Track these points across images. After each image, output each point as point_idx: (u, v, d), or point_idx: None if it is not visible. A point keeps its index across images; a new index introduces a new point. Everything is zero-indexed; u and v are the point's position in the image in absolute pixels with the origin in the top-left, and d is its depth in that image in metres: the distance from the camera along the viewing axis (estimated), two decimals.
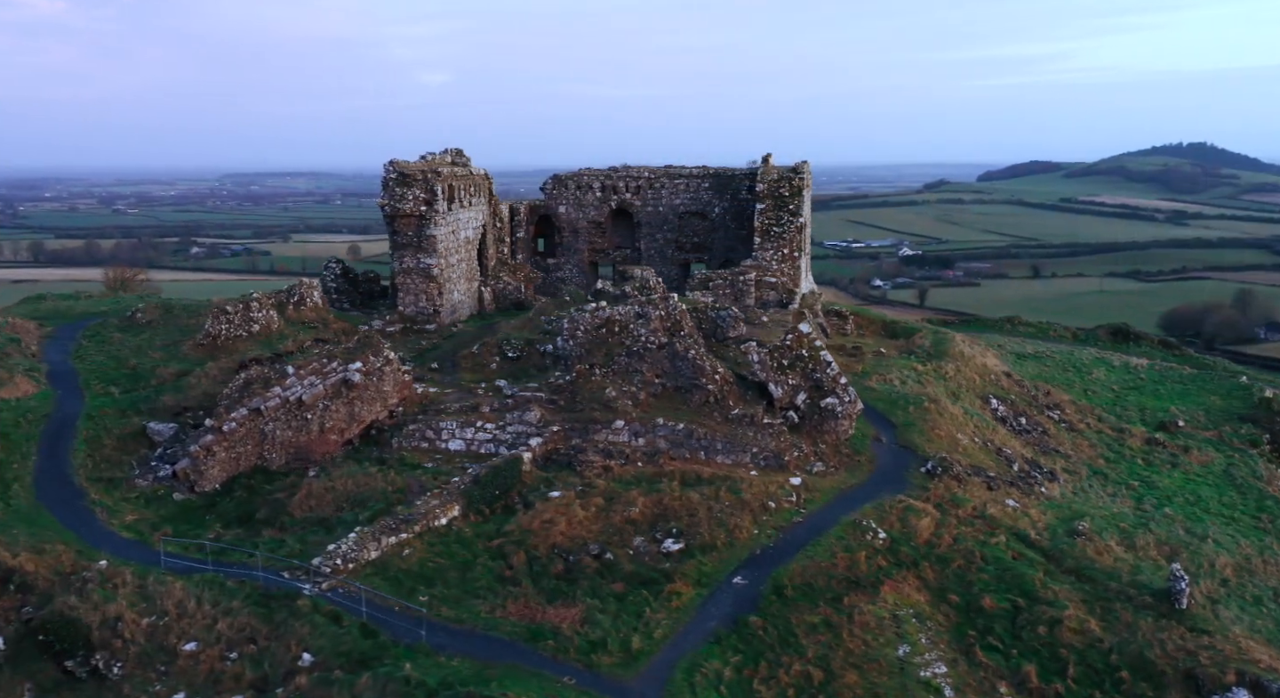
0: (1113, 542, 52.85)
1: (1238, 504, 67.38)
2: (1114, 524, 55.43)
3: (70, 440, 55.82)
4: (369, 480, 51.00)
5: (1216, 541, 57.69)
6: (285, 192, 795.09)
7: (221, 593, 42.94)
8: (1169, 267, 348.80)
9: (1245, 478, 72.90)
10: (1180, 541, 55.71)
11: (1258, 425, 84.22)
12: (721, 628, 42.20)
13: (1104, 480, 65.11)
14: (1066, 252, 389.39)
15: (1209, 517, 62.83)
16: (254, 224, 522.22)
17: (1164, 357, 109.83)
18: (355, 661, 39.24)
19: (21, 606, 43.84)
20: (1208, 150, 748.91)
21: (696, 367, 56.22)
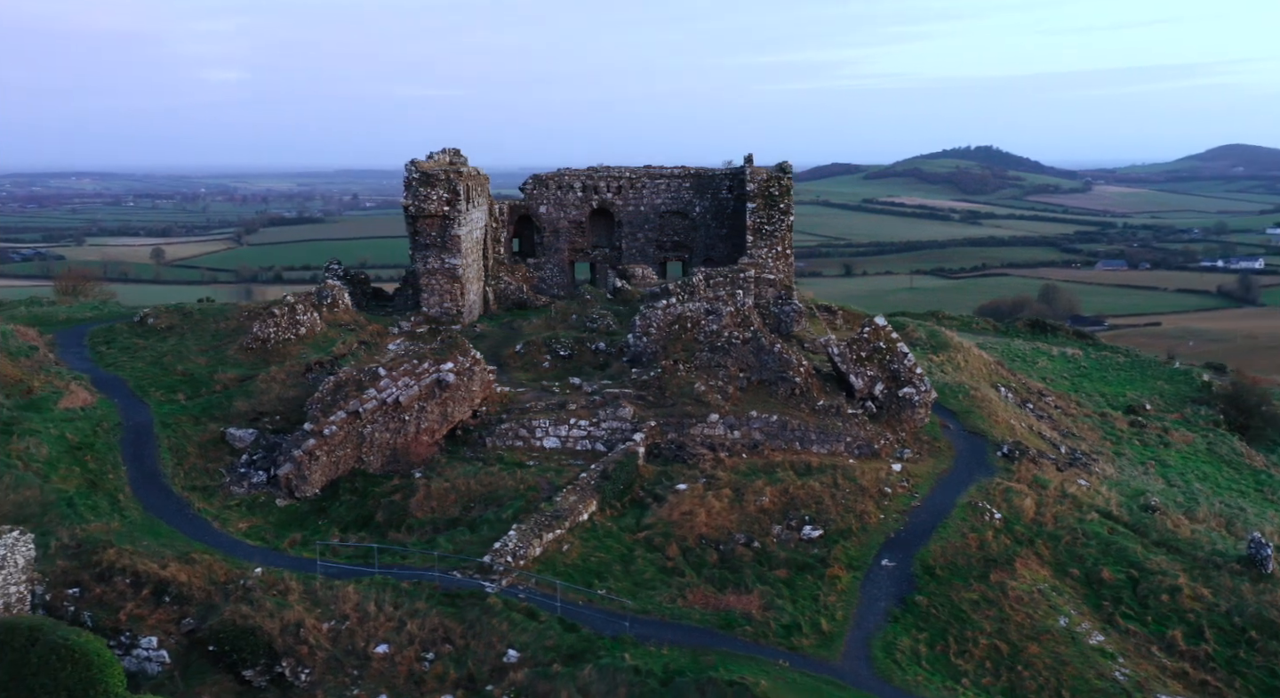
0: (1181, 515, 56.49)
1: (1238, 479, 72.46)
2: (1171, 499, 59.17)
3: (152, 449, 53.96)
4: (496, 480, 50.88)
5: (1247, 511, 62.06)
6: (71, 192, 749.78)
7: (399, 595, 42.50)
8: (969, 264, 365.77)
9: (1230, 455, 78.30)
10: (1226, 513, 59.74)
11: (1212, 407, 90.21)
12: (894, 607, 43.86)
13: (1127, 460, 69.11)
14: (874, 250, 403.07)
15: (1224, 491, 67.43)
16: (42, 227, 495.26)
17: (1082, 346, 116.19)
18: (565, 655, 39.45)
19: (181, 618, 42.56)
20: (994, 153, 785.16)
21: (783, 360, 57.73)
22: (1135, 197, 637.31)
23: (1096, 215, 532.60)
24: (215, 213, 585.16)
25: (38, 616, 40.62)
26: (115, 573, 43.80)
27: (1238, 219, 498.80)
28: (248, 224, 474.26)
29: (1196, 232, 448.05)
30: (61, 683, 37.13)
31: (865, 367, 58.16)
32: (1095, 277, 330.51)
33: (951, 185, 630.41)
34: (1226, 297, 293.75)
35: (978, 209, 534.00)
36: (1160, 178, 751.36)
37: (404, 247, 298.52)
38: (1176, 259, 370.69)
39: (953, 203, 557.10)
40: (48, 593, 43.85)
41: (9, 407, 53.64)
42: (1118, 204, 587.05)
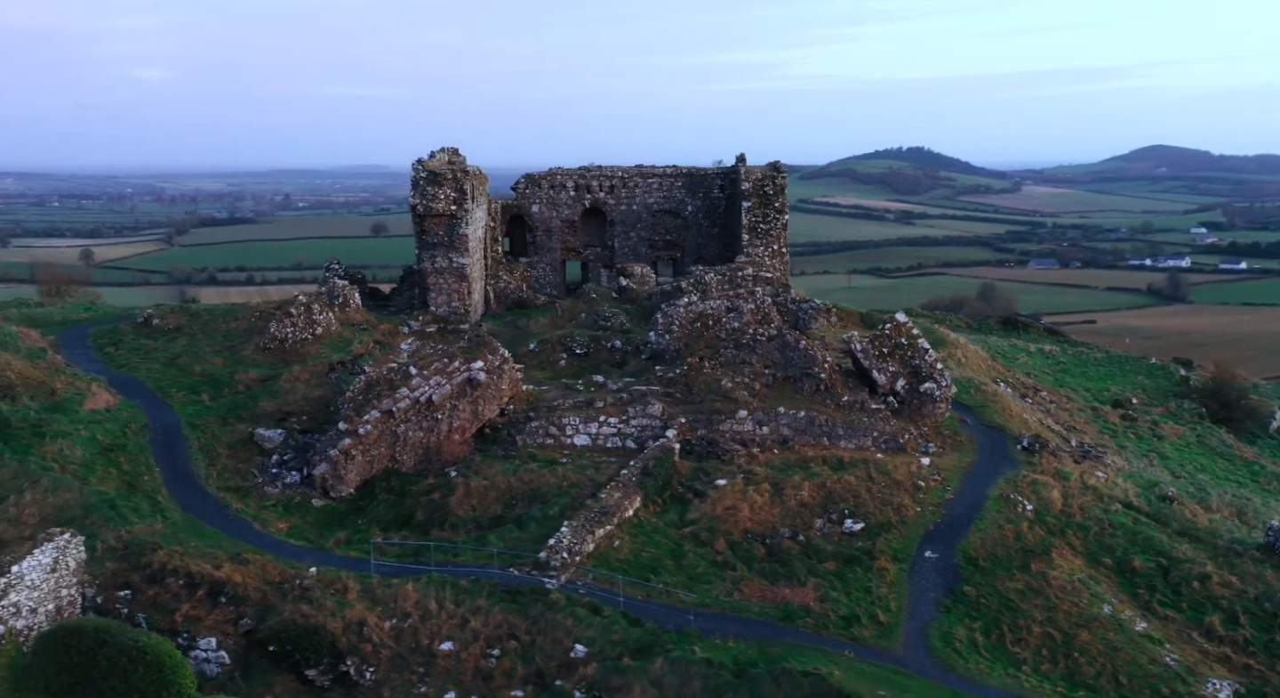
0: (1196, 505, 57.91)
1: (1233, 470, 74.30)
2: (1183, 490, 60.59)
3: (183, 450, 53.52)
4: (537, 477, 51.03)
5: (1254, 501, 63.72)
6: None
7: (459, 592, 42.54)
8: (905, 264, 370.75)
9: (1220, 447, 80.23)
10: (1236, 502, 61.29)
11: (1193, 401, 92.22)
12: (943, 598, 44.65)
13: (1130, 453, 70.58)
14: (811, 250, 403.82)
15: (1223, 482, 69.14)
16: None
17: (1055, 342, 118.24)
18: (632, 649, 39.73)
19: (238, 618, 42.33)
20: (925, 154, 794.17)
21: (808, 356, 58.38)
22: (1063, 197, 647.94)
23: (1026, 215, 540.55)
24: (144, 213, 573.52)
25: (101, 618, 40.23)
26: (168, 574, 43.46)
27: (1162, 219, 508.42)
28: (178, 225, 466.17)
29: (1124, 231, 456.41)
30: (133, 685, 36.88)
31: (887, 362, 58.99)
32: (1029, 275, 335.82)
33: (885, 186, 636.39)
34: (1157, 295, 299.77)
35: (911, 209, 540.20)
36: (1086, 178, 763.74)
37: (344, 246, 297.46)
38: (1106, 258, 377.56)
39: (887, 203, 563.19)
40: (99, 596, 43.43)
41: (36, 409, 52.94)
42: (1046, 204, 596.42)
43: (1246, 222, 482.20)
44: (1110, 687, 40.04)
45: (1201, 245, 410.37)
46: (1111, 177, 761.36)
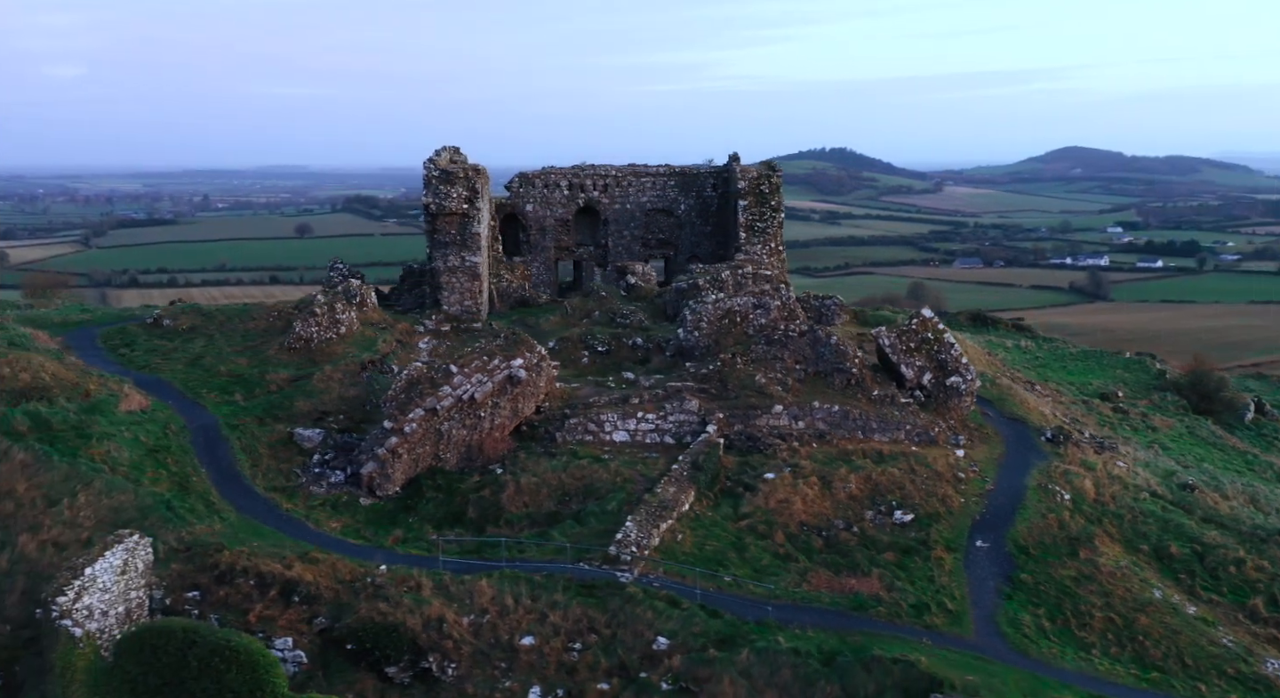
0: (1214, 492, 59.61)
1: (1228, 459, 76.38)
2: (1198, 479, 62.29)
3: (225, 450, 53.15)
4: (590, 473, 51.34)
5: (1261, 488, 65.65)
6: None
7: (534, 587, 42.76)
8: (833, 263, 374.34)
9: (1211, 437, 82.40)
10: (1248, 490, 63.13)
11: (1175, 393, 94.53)
12: (1003, 586, 45.69)
13: (1135, 445, 72.32)
14: None
15: (1225, 471, 71.08)
16: None
17: (1027, 338, 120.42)
18: (715, 640, 40.23)
19: (312, 617, 42.24)
20: (848, 155, 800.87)
21: (840, 352, 59.24)
22: (983, 197, 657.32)
23: (948, 215, 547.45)
24: (57, 214, 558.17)
25: (187, 619, 39.96)
26: (237, 575, 43.24)
27: (1080, 218, 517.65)
28: (95, 226, 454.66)
29: (1043, 231, 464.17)
30: (227, 686, 36.72)
31: (914, 357, 60.03)
32: (955, 275, 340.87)
33: (809, 186, 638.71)
34: (1079, 292, 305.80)
35: (836, 209, 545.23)
36: (1005, 179, 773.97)
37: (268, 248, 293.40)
38: (1028, 257, 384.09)
39: (812, 203, 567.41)
40: (167, 597, 43.15)
41: (73, 411, 52.20)
42: (967, 204, 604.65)
43: (1160, 221, 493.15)
44: (1177, 668, 41.26)
45: (1119, 244, 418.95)
46: (1028, 177, 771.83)
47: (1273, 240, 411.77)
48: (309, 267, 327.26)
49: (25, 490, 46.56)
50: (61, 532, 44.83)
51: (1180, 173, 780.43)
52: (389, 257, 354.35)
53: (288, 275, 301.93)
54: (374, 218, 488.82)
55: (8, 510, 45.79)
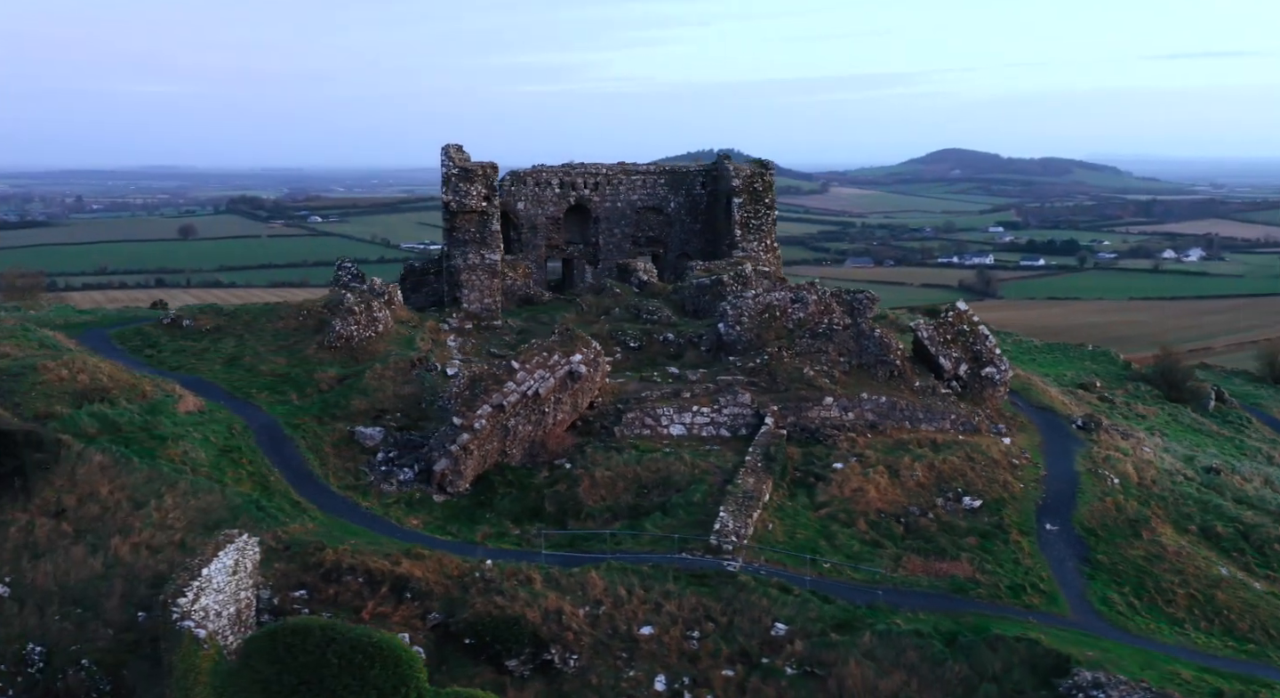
0: (1235, 475, 62.25)
1: (1220, 444, 79.49)
2: (1213, 462, 64.93)
3: (290, 450, 52.70)
4: (667, 466, 51.91)
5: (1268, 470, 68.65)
6: None
7: (644, 578, 43.28)
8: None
9: (1194, 424, 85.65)
10: (1261, 472, 65.99)
11: (1146, 383, 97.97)
12: (1082, 566, 47.39)
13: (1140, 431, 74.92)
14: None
15: (1225, 455, 74.09)
16: None
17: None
18: (833, 625, 41.19)
19: (425, 613, 42.26)
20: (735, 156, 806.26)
21: (883, 344, 60.62)
22: (868, 198, 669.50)
23: (836, 215, 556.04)
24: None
25: (319, 617, 39.72)
26: (344, 572, 43.08)
27: (962, 219, 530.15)
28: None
29: (929, 230, 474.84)
30: (370, 682, 36.68)
31: (951, 348, 61.65)
32: (848, 274, 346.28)
33: None
34: (969, 291, 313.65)
35: None
36: (888, 180, 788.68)
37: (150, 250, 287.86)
38: (915, 256, 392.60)
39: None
40: (274, 596, 42.78)
41: (137, 411, 51.29)
42: (854, 205, 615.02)
43: (1039, 221, 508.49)
44: (1265, 640, 43.24)
45: (1001, 243, 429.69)
46: (910, 178, 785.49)
47: (1145, 239, 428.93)
48: (195, 269, 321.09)
49: (109, 493, 45.81)
50: (153, 534, 44.24)
51: (1054, 174, 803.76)
52: (280, 258, 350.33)
53: (173, 278, 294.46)
54: (260, 219, 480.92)
55: (93, 514, 45.01)
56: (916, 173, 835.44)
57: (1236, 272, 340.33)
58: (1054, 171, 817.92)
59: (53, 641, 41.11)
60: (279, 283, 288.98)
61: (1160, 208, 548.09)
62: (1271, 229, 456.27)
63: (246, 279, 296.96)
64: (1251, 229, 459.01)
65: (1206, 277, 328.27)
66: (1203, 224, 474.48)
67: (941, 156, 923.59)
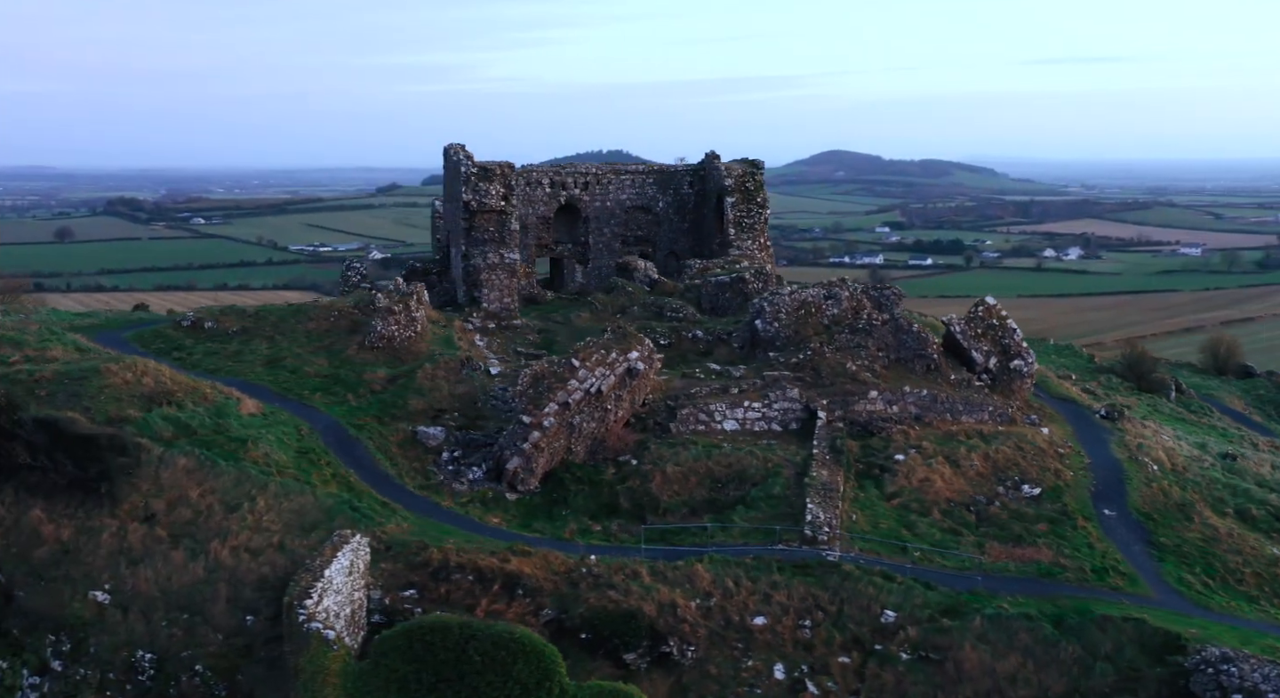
0: (1247, 460, 65.03)
1: (1205, 432, 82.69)
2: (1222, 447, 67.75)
3: (360, 450, 52.46)
4: (739, 460, 52.72)
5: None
6: None
7: (748, 570, 44.08)
8: None
9: (1175, 413, 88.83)
10: (1264, 459, 68.92)
11: (1115, 376, 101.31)
12: (1148, 549, 49.35)
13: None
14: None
15: (1219, 443, 77.16)
16: None
17: None
18: (940, 610, 42.43)
19: (538, 609, 42.57)
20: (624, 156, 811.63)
21: (921, 339, 62.15)
22: None
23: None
24: None
25: (454, 615, 39.77)
26: (453, 571, 43.21)
27: (849, 219, 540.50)
28: None
29: (818, 231, 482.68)
30: (514, 677, 37.03)
31: (981, 342, 63.44)
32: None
33: None
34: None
35: None
36: (775, 181, 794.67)
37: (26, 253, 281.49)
38: (807, 256, 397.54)
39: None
40: (385, 596, 42.73)
41: (204, 414, 50.60)
42: None
43: (923, 221, 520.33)
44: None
45: (889, 243, 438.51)
46: (795, 179, 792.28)
47: (1026, 238, 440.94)
48: (75, 273, 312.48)
49: (199, 497, 45.26)
50: (250, 537, 43.85)
51: (934, 175, 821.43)
52: (163, 261, 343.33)
53: (52, 282, 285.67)
54: (140, 221, 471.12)
55: (185, 518, 44.46)
56: (802, 174, 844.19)
57: (1114, 270, 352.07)
58: (934, 173, 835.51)
59: (162, 647, 40.64)
60: (164, 286, 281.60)
61: (1038, 208, 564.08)
62: (1144, 228, 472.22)
63: (129, 283, 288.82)
64: (1125, 229, 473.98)
65: (1087, 275, 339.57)
66: (1078, 224, 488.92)
67: (826, 158, 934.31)
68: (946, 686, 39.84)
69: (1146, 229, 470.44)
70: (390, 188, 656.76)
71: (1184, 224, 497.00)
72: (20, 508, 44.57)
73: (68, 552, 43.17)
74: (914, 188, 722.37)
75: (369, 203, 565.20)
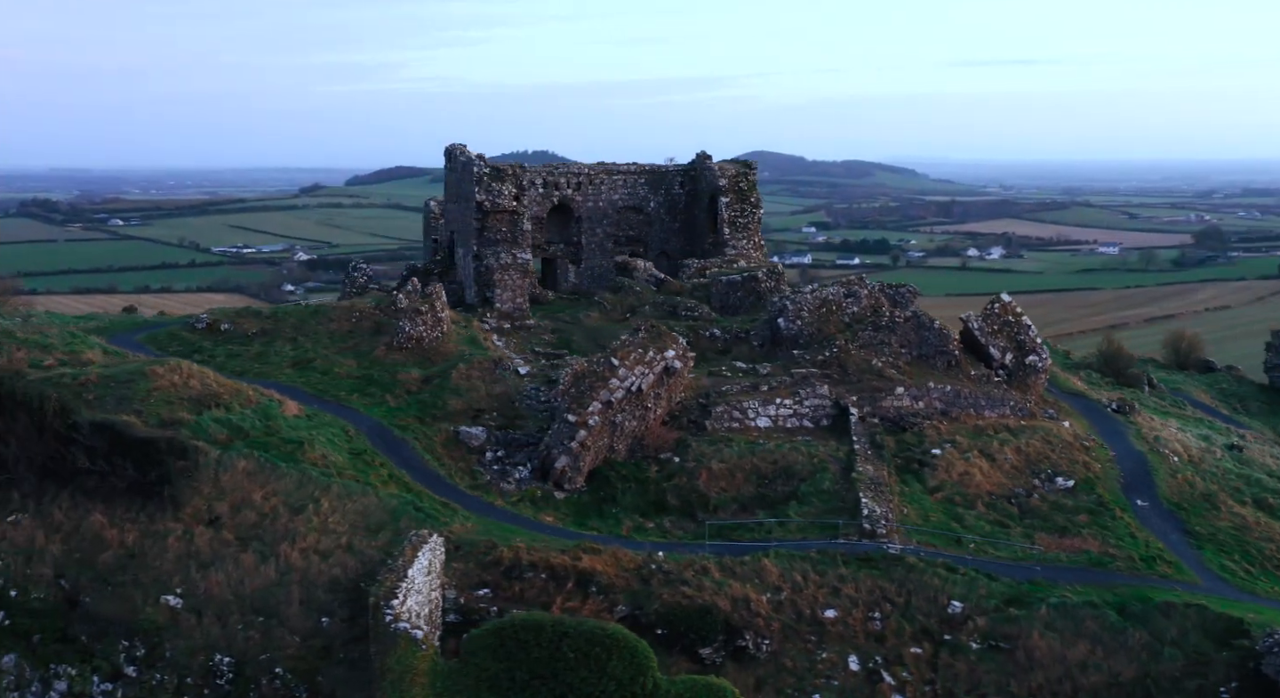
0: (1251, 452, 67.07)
1: (1196, 424, 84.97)
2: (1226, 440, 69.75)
3: (407, 451, 52.45)
4: (783, 456, 53.41)
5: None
6: None
7: (814, 563, 44.80)
8: None
9: (1159, 407, 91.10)
10: (1264, 450, 71.04)
11: (1093, 371, 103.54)
12: (1185, 538, 50.82)
13: None
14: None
15: (1220, 435, 79.31)
16: None
17: None
18: (1005, 600, 43.48)
19: (612, 605, 43.00)
20: (550, 156, 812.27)
21: (942, 336, 63.31)
22: None
23: None
24: None
25: (544, 613, 40.05)
26: (525, 569, 43.49)
27: (775, 219, 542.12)
28: None
29: None
30: (610, 674, 37.43)
31: (998, 338, 64.75)
32: None
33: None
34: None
35: None
36: None
37: None
38: None
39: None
40: (459, 596, 42.88)
41: (254, 416, 50.29)
42: None
43: (848, 221, 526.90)
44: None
45: (816, 243, 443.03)
46: None
47: (949, 238, 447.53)
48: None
49: (262, 499, 45.07)
50: (318, 539, 43.79)
51: (856, 176, 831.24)
52: (82, 263, 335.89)
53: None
54: (55, 223, 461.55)
55: (250, 521, 44.26)
56: None
57: (1037, 268, 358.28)
58: (856, 174, 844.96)
59: (239, 651, 40.50)
60: (83, 289, 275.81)
61: (959, 209, 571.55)
62: (1062, 228, 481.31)
63: (47, 285, 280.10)
64: (1044, 228, 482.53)
65: (1011, 273, 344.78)
66: (999, 224, 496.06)
67: (751, 159, 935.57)
68: (1019, 674, 40.85)
69: (1065, 229, 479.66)
70: (314, 188, 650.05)
71: (1100, 224, 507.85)
72: (79, 513, 44.18)
73: (133, 556, 42.83)
74: (838, 188, 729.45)
75: (293, 203, 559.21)
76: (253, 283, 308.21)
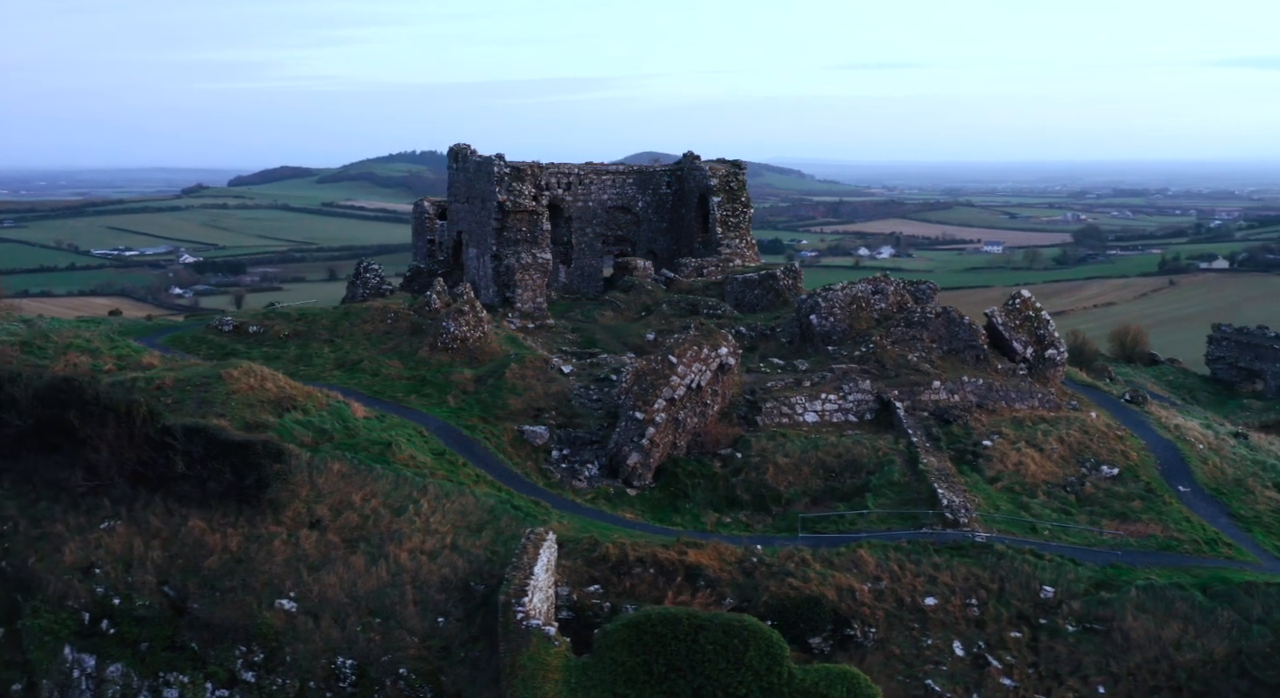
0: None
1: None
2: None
3: (480, 450, 52.67)
4: (848, 450, 54.57)
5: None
6: None
7: (906, 553, 46.06)
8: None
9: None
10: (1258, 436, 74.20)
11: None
12: (1232, 521, 53.09)
13: None
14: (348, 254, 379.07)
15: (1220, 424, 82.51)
16: None
17: None
18: (1093, 584, 45.21)
19: (720, 598, 43.82)
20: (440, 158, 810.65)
21: (972, 330, 65.07)
22: None
23: None
24: None
25: (680, 607, 40.63)
26: (633, 565, 44.07)
27: None
28: None
29: None
30: (747, 664, 38.33)
31: (1019, 333, 66.77)
32: None
33: (406, 189, 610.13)
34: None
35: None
36: None
37: None
38: None
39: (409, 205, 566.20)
40: (572, 592, 43.30)
41: (329, 417, 49.99)
42: None
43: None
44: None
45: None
46: None
47: (840, 238, 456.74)
48: None
49: (361, 501, 44.99)
50: (423, 539, 43.90)
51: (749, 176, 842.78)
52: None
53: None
54: None
55: (353, 523, 44.16)
56: None
57: (926, 267, 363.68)
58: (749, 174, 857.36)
59: (361, 653, 40.51)
60: None
61: (847, 209, 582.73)
62: (947, 228, 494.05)
63: None
64: (930, 228, 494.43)
65: (902, 271, 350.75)
66: (886, 224, 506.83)
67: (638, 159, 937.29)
68: (1117, 654, 42.55)
69: (950, 228, 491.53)
70: (196, 189, 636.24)
71: (982, 223, 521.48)
72: (175, 519, 43.70)
73: (240, 561, 42.50)
74: None
75: (174, 204, 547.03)
76: (138, 286, 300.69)
